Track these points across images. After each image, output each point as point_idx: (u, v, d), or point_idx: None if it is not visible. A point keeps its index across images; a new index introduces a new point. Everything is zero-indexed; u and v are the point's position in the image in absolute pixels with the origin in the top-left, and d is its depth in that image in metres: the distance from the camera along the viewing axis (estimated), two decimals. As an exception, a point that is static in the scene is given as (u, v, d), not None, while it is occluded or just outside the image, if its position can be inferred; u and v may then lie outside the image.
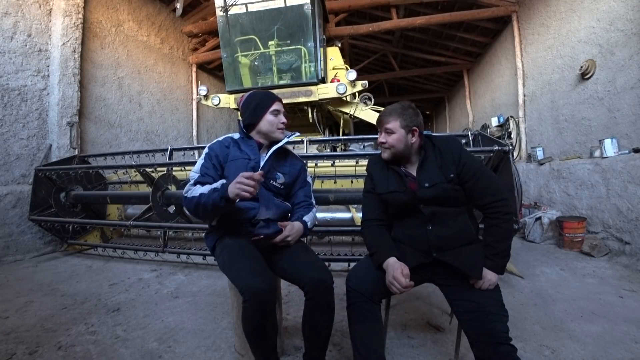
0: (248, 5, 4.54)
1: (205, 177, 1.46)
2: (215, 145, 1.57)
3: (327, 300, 1.32)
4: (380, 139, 1.40)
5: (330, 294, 1.33)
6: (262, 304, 1.20)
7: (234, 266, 1.31)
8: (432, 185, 1.32)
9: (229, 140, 1.59)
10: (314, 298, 1.31)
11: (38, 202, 3.59)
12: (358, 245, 3.05)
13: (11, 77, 3.81)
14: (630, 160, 3.16)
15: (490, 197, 1.30)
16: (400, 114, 1.36)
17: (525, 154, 5.46)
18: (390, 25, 6.21)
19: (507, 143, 2.43)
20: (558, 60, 4.60)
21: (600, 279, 2.66)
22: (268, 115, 1.54)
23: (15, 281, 2.83)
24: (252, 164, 1.49)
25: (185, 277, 2.91)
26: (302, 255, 1.45)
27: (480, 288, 1.23)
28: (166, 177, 3.30)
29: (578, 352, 1.63)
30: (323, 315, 1.33)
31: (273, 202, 1.51)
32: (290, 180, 1.60)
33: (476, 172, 1.32)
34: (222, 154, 1.53)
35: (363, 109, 4.96)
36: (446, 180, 1.32)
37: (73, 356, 1.68)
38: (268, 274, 1.29)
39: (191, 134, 7.31)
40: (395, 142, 1.35)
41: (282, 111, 1.58)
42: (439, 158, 1.36)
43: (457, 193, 1.32)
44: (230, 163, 1.51)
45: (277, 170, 1.56)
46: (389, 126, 1.36)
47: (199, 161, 1.53)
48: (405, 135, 1.35)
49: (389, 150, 1.38)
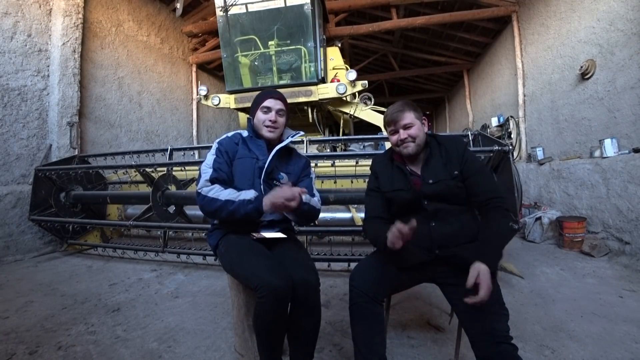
0: (248, 5, 4.54)
1: (219, 172, 1.45)
2: (225, 140, 1.55)
3: (311, 302, 1.29)
4: (402, 136, 1.37)
5: (315, 294, 1.30)
6: (280, 301, 1.19)
7: (247, 263, 1.29)
8: (436, 181, 1.33)
9: (238, 137, 1.58)
10: (297, 297, 1.27)
11: (38, 202, 3.59)
12: (358, 245, 3.05)
13: (11, 77, 3.81)
14: (630, 160, 3.16)
15: (490, 194, 1.30)
16: (409, 107, 1.39)
17: (525, 154, 5.45)
18: (390, 25, 6.21)
19: (507, 143, 2.43)
20: (558, 60, 4.60)
21: (600, 279, 2.66)
22: (259, 112, 1.53)
23: (15, 281, 2.82)
24: (260, 164, 1.48)
25: (185, 277, 2.91)
26: (292, 254, 1.43)
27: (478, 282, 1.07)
28: (166, 177, 3.30)
29: (578, 352, 1.63)
30: (307, 316, 1.30)
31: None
32: (294, 179, 1.58)
33: (478, 169, 1.34)
34: (231, 151, 1.52)
35: (363, 109, 4.96)
36: (450, 177, 1.33)
37: (73, 356, 1.68)
38: (285, 271, 1.26)
39: (191, 134, 7.31)
40: (417, 132, 1.36)
41: (274, 109, 1.51)
42: (444, 156, 1.38)
43: (461, 190, 1.33)
44: (238, 161, 1.50)
45: (281, 170, 1.55)
46: (407, 121, 1.36)
47: (210, 156, 1.50)
48: (421, 126, 1.39)
49: (413, 143, 1.37)
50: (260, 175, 1.48)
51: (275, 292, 1.17)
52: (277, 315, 1.22)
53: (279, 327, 1.27)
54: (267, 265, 1.26)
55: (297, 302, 1.28)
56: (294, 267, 1.32)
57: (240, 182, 1.47)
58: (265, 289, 1.17)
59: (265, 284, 1.17)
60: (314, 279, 1.31)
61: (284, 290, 1.19)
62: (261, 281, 1.18)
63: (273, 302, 1.18)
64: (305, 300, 1.28)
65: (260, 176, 1.48)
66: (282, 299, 1.19)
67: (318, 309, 1.32)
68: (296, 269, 1.32)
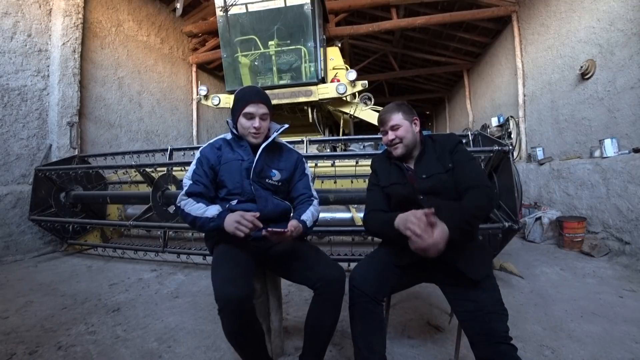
0: (248, 5, 4.54)
1: (197, 185, 1.45)
2: (206, 149, 1.54)
3: (336, 299, 1.31)
4: (389, 137, 1.43)
5: (341, 293, 1.32)
6: (236, 313, 1.17)
7: (215, 275, 1.28)
8: (430, 176, 1.36)
9: (220, 142, 1.55)
10: (324, 295, 1.29)
11: (38, 202, 3.59)
12: (358, 245, 3.05)
13: (11, 77, 3.81)
14: (630, 160, 3.16)
15: (475, 182, 1.31)
16: (398, 108, 1.43)
17: (525, 154, 5.45)
18: (390, 25, 6.21)
19: (507, 143, 2.43)
20: (558, 60, 4.60)
21: (600, 279, 2.66)
22: (241, 118, 1.48)
23: (15, 281, 2.82)
24: (246, 165, 1.48)
25: (185, 277, 2.91)
26: (312, 254, 1.43)
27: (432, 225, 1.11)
28: (166, 177, 3.30)
29: (578, 352, 1.63)
30: (329, 314, 1.32)
31: (271, 202, 1.50)
32: (287, 175, 1.57)
33: (467, 160, 1.38)
34: (213, 158, 1.50)
35: (363, 109, 4.96)
36: (444, 170, 1.36)
37: (73, 356, 1.68)
38: (245, 281, 1.24)
39: (191, 134, 7.31)
40: (404, 133, 1.40)
41: (257, 114, 1.45)
42: (438, 150, 1.42)
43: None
44: (224, 166, 1.49)
45: (272, 168, 1.53)
46: (394, 122, 1.41)
47: (191, 167, 1.50)
48: (410, 126, 1.42)
49: (401, 144, 1.41)
50: (248, 176, 1.47)
51: (227, 304, 1.15)
52: (239, 325, 1.20)
53: (248, 335, 1.26)
54: (227, 276, 1.23)
55: (323, 297, 1.30)
56: (320, 266, 1.34)
57: (231, 185, 1.47)
58: (221, 301, 1.16)
59: (219, 295, 1.16)
60: (342, 276, 1.32)
61: (236, 301, 1.15)
62: (217, 292, 1.17)
63: (229, 313, 1.17)
64: (332, 296, 1.30)
65: (248, 177, 1.47)
66: (236, 310, 1.17)
67: (339, 307, 1.33)
68: (323, 267, 1.34)
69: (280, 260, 1.45)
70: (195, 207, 1.38)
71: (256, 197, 1.46)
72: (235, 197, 1.48)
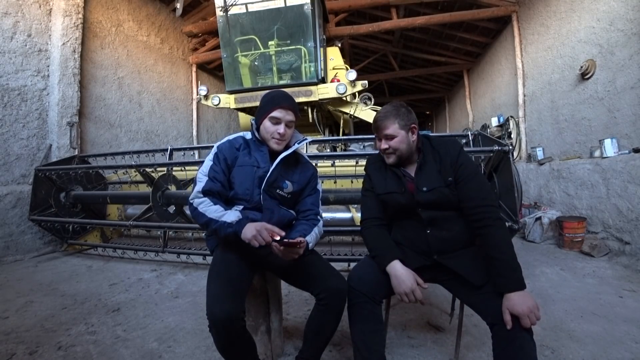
0: (248, 5, 4.54)
1: (214, 182, 1.38)
2: (225, 145, 1.46)
3: (339, 308, 1.31)
4: (382, 146, 1.35)
5: (344, 302, 1.31)
6: (225, 330, 1.16)
7: (208, 286, 1.27)
8: (431, 189, 1.30)
9: (240, 142, 1.49)
10: (329, 305, 1.29)
11: (38, 202, 3.59)
12: (358, 245, 3.05)
13: (11, 77, 3.81)
14: (630, 160, 3.16)
15: (478, 201, 1.25)
16: (395, 115, 1.32)
17: (525, 154, 5.45)
18: (390, 25, 6.21)
19: (507, 143, 2.43)
20: (558, 60, 4.60)
21: (600, 279, 2.66)
22: (266, 121, 1.41)
23: (15, 281, 2.82)
24: (260, 173, 1.41)
25: (185, 277, 2.91)
26: (317, 263, 1.41)
27: (521, 321, 1.04)
28: (166, 177, 3.30)
29: (578, 352, 1.63)
30: (331, 321, 1.33)
31: (277, 213, 1.45)
32: (298, 188, 1.50)
33: (471, 173, 1.30)
34: (230, 157, 1.44)
35: (363, 109, 4.96)
36: (445, 184, 1.30)
37: (73, 356, 1.68)
38: (234, 300, 1.20)
39: (191, 134, 7.32)
40: (398, 144, 1.32)
41: (284, 120, 1.40)
42: (438, 162, 1.34)
43: (456, 197, 1.31)
44: (238, 169, 1.43)
45: (286, 179, 1.46)
46: (389, 131, 1.32)
47: (207, 162, 1.43)
48: (406, 136, 1.33)
49: (394, 155, 1.34)
50: (260, 185, 1.40)
51: (218, 322, 1.14)
52: (229, 342, 1.19)
53: (238, 348, 1.24)
54: (219, 294, 1.21)
55: (326, 307, 1.30)
56: (324, 277, 1.33)
57: (240, 190, 1.41)
58: (209, 319, 1.16)
59: (209, 313, 1.16)
60: (345, 285, 1.32)
61: (226, 321, 1.14)
62: (207, 309, 1.17)
63: (217, 332, 1.16)
64: (335, 307, 1.30)
65: (260, 185, 1.40)
66: (227, 329, 1.15)
67: (341, 314, 1.33)
68: (328, 278, 1.33)
69: (282, 267, 1.43)
70: (212, 209, 1.31)
71: (263, 207, 1.41)
72: (241, 202, 1.42)
